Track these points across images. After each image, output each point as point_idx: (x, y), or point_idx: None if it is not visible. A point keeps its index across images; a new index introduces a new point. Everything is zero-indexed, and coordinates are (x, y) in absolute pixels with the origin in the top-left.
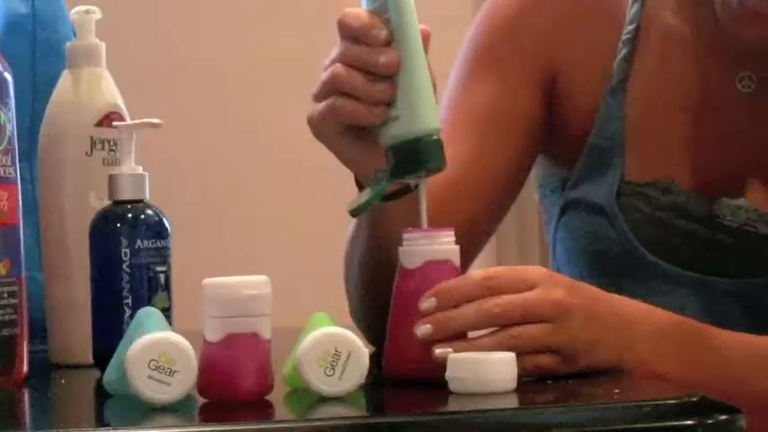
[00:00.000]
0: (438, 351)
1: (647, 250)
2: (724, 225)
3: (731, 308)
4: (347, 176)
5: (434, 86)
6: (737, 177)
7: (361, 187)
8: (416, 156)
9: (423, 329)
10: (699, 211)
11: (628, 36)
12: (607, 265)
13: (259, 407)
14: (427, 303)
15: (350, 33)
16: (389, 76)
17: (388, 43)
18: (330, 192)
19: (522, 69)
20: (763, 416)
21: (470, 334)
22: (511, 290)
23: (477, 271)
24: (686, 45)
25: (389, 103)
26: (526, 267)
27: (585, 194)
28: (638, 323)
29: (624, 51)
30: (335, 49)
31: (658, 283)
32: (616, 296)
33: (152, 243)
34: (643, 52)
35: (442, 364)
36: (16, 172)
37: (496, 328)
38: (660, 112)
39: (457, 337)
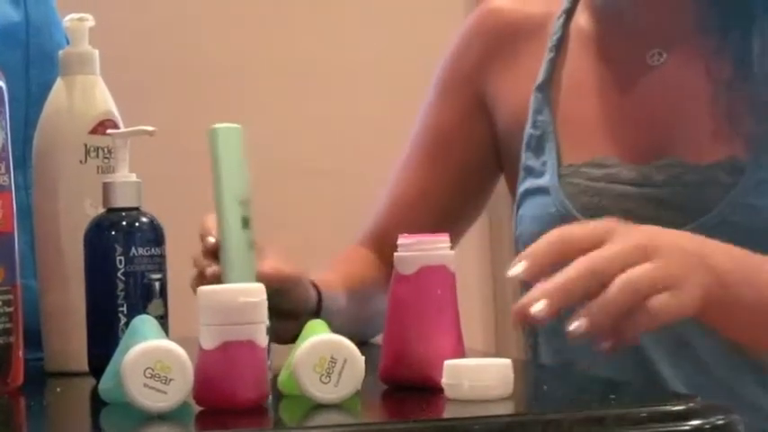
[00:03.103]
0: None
1: (584, 217)
2: (653, 181)
3: None
4: (344, 181)
5: None
6: (661, 139)
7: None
8: None
9: (537, 308)
10: (630, 175)
11: (553, 44)
12: None
13: (255, 414)
14: (516, 268)
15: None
16: None
17: None
18: (326, 198)
19: (464, 95)
20: None
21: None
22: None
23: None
24: (600, 41)
25: None
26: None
27: (530, 184)
28: (709, 245)
29: (551, 56)
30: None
31: None
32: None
33: (147, 250)
34: (565, 56)
35: (438, 371)
36: (11, 180)
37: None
38: (582, 99)
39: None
